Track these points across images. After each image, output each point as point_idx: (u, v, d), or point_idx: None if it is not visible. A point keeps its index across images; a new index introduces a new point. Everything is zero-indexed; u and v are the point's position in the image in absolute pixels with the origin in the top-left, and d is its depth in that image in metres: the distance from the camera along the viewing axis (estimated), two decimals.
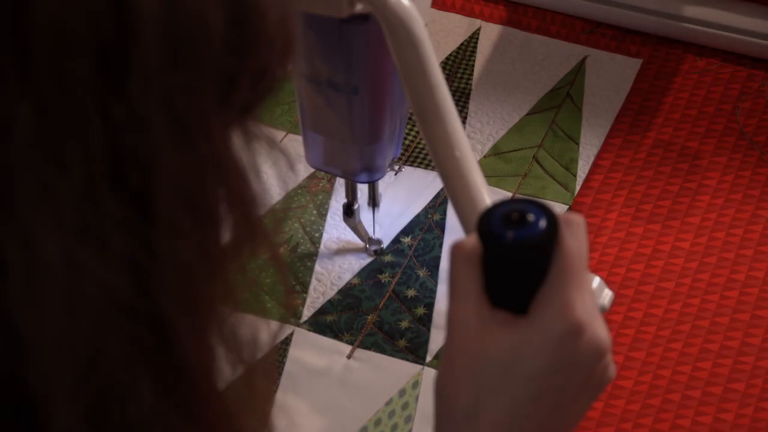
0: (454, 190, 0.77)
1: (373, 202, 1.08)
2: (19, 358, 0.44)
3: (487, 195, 0.76)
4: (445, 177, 0.78)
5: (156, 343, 0.46)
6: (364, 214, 1.09)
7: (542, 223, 0.59)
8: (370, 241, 1.09)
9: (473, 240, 0.61)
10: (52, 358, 0.44)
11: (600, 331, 0.60)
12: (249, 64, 0.46)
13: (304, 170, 1.15)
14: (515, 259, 0.60)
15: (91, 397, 0.45)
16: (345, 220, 1.08)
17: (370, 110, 0.96)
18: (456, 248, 0.62)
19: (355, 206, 1.07)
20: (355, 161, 1.00)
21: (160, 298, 0.45)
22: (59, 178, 0.42)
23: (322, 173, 1.15)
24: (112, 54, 0.42)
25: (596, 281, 0.69)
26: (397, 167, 1.14)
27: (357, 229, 1.09)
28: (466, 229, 0.74)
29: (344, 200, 1.13)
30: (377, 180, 1.04)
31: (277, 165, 0.50)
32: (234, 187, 0.47)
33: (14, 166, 0.42)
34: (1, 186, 0.42)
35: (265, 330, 0.52)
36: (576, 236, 0.60)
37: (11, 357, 0.44)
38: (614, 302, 0.64)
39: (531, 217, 0.59)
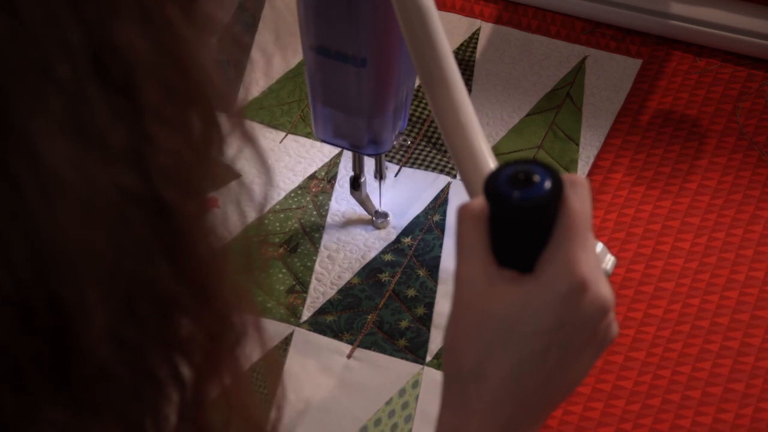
0: (458, 155, 0.78)
1: (380, 174, 1.08)
2: (47, 271, 0.45)
3: (491, 159, 0.77)
4: (450, 142, 0.79)
5: (166, 229, 0.48)
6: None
7: (547, 184, 0.60)
8: (377, 213, 1.10)
9: (480, 201, 0.63)
10: (79, 263, 0.45)
11: (603, 288, 0.62)
12: None
13: (303, 170, 1.15)
14: (521, 218, 0.62)
15: (121, 293, 0.47)
16: (352, 193, 1.09)
17: (377, 83, 0.97)
18: (463, 209, 0.63)
19: (362, 179, 1.08)
20: (362, 133, 1.01)
21: (161, 183, 0.47)
22: (48, 83, 0.43)
23: (322, 174, 1.15)
24: None
25: (599, 246, 0.71)
26: (403, 140, 1.15)
27: (364, 201, 1.09)
28: (470, 193, 0.76)
29: (344, 200, 1.13)
30: (384, 152, 1.05)
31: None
32: (194, 76, 0.49)
33: (1, 81, 0.43)
34: None
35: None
36: (580, 197, 0.62)
37: (40, 271, 0.45)
38: (616, 303, 0.65)
39: (536, 177, 0.60)
